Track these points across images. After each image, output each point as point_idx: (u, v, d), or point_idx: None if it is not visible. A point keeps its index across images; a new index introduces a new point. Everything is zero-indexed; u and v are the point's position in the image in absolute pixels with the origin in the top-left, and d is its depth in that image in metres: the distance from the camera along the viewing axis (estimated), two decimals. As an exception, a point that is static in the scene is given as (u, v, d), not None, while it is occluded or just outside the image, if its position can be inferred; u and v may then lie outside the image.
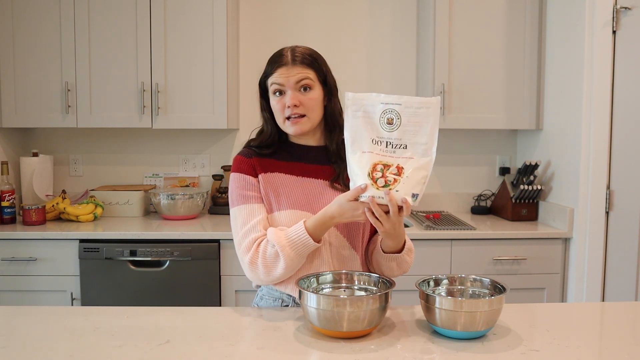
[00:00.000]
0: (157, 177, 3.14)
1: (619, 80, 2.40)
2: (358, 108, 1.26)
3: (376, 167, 1.23)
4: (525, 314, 1.36)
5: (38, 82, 2.75)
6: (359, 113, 1.26)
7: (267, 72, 1.44)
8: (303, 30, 3.08)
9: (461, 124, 2.83)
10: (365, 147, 1.25)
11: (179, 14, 2.73)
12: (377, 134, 1.25)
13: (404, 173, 1.22)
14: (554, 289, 2.59)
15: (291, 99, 1.38)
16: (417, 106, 1.23)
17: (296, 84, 1.39)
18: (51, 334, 1.20)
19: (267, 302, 1.45)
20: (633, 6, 2.38)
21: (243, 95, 3.11)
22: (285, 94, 1.40)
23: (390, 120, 1.24)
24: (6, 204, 2.67)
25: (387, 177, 1.22)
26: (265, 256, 1.33)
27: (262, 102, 1.49)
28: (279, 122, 1.43)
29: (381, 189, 1.22)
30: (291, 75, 1.39)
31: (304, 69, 1.40)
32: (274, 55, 1.44)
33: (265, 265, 1.33)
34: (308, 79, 1.40)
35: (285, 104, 1.39)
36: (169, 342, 1.15)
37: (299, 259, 1.33)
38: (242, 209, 1.40)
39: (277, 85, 1.40)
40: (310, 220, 1.32)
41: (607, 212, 2.46)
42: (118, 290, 2.50)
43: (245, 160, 1.44)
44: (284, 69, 1.39)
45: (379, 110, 1.25)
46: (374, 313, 1.14)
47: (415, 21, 3.11)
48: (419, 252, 2.52)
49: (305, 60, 1.41)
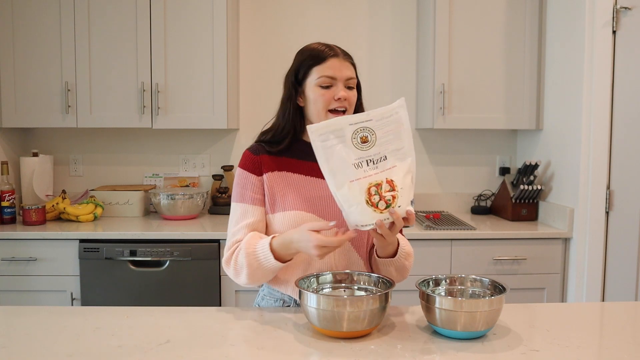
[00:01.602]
0: (157, 177, 3.14)
1: (619, 80, 2.40)
2: (326, 137, 1.21)
3: (370, 190, 1.20)
4: (525, 314, 1.36)
5: (38, 82, 2.76)
6: (329, 142, 1.21)
7: (314, 62, 1.38)
8: (303, 30, 3.08)
9: (461, 124, 2.83)
10: (351, 175, 1.21)
11: (179, 14, 2.73)
12: (355, 156, 1.21)
13: (397, 186, 1.21)
14: (554, 289, 2.59)
15: (342, 92, 1.36)
16: (388, 115, 1.22)
17: (346, 80, 1.38)
18: (51, 334, 1.20)
19: (268, 302, 1.45)
20: (633, 6, 2.38)
21: (243, 95, 3.11)
22: (333, 86, 1.37)
23: (364, 138, 1.21)
24: (6, 204, 2.67)
25: (385, 198, 1.20)
26: (237, 261, 1.36)
27: (292, 91, 1.42)
28: (317, 115, 1.38)
29: (385, 211, 1.20)
30: (343, 68, 1.38)
31: (350, 65, 1.41)
32: (315, 49, 1.40)
33: (235, 269, 1.37)
34: (354, 78, 1.41)
35: (332, 96, 1.36)
36: (169, 342, 1.15)
37: (262, 272, 1.33)
38: (237, 208, 1.42)
39: (329, 77, 1.36)
40: (278, 238, 1.32)
41: (607, 212, 2.46)
42: (118, 290, 2.50)
43: (252, 157, 1.42)
44: (336, 61, 1.38)
45: (349, 132, 1.21)
46: (374, 313, 1.14)
47: (415, 21, 3.11)
48: (419, 252, 2.52)
49: (350, 59, 1.42)
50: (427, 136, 3.17)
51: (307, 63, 1.39)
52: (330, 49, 1.40)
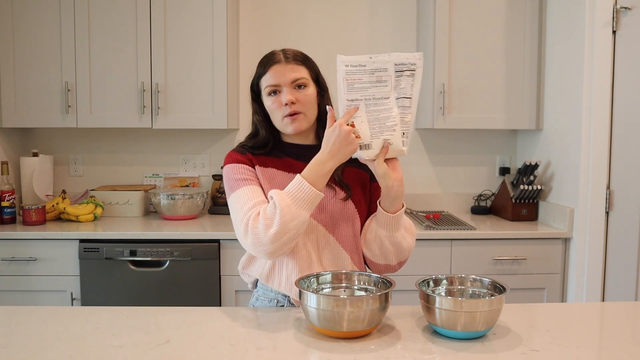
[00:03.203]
0: (157, 177, 3.14)
1: (619, 80, 2.40)
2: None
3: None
4: (525, 314, 1.36)
5: (38, 82, 2.76)
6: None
7: (260, 73, 1.42)
8: (303, 31, 3.08)
9: (461, 124, 2.83)
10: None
11: (179, 14, 2.73)
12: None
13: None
14: (554, 289, 2.59)
15: (288, 96, 1.37)
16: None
17: (292, 82, 1.38)
18: (51, 334, 1.20)
19: (262, 303, 1.46)
20: (633, 6, 2.38)
21: (243, 95, 3.11)
22: (280, 93, 1.39)
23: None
24: (6, 204, 2.67)
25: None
26: (265, 212, 1.28)
27: (254, 105, 1.47)
28: (277, 122, 1.42)
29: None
30: (286, 72, 1.38)
31: (297, 66, 1.40)
32: (265, 57, 1.43)
33: (265, 221, 1.27)
34: (303, 77, 1.40)
35: (281, 103, 1.38)
36: (169, 342, 1.15)
37: (299, 208, 1.26)
38: (242, 192, 1.36)
39: (272, 86, 1.39)
40: (305, 168, 1.31)
41: (607, 212, 2.46)
42: (118, 290, 2.50)
43: (240, 155, 1.45)
44: (278, 67, 1.39)
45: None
46: (374, 313, 1.14)
47: (415, 21, 3.11)
48: (419, 252, 2.52)
49: (297, 58, 1.41)
50: (427, 136, 3.17)
51: (257, 75, 1.44)
52: (272, 55, 1.41)
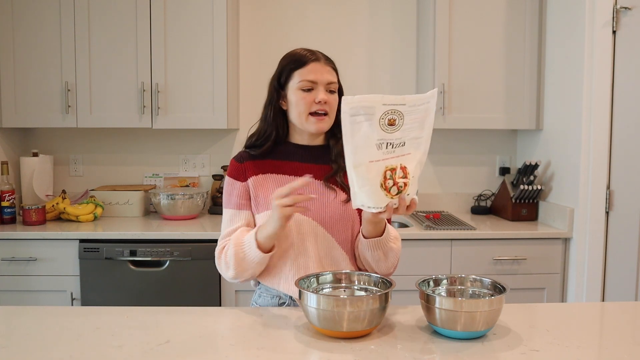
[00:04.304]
0: (157, 177, 3.14)
1: (619, 80, 2.40)
2: (356, 112, 1.19)
3: (386, 174, 1.20)
4: (525, 314, 1.36)
5: (38, 82, 2.75)
6: (358, 118, 1.19)
7: (296, 66, 1.41)
8: (303, 31, 3.08)
9: (461, 124, 2.83)
10: (372, 156, 1.20)
11: (179, 14, 2.73)
12: (379, 137, 1.19)
13: (409, 174, 1.22)
14: (554, 289, 2.59)
15: (323, 95, 1.39)
16: (420, 103, 1.21)
17: (327, 84, 1.41)
18: (51, 334, 1.20)
19: (265, 299, 1.47)
20: (633, 6, 2.38)
21: (243, 95, 3.11)
22: (314, 90, 1.40)
23: (392, 121, 1.19)
24: (6, 204, 2.67)
25: (398, 183, 1.21)
26: (226, 254, 1.41)
27: (274, 95, 1.45)
28: (299, 118, 1.41)
29: (395, 197, 1.21)
30: (324, 72, 1.40)
31: (332, 69, 1.43)
32: (300, 53, 1.43)
33: (225, 263, 1.42)
34: (335, 83, 1.43)
35: (313, 100, 1.39)
36: (169, 342, 1.15)
37: (248, 263, 1.37)
38: (226, 213, 1.48)
39: (310, 81, 1.39)
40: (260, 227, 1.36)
41: (607, 212, 2.46)
42: (118, 290, 2.50)
43: (236, 165, 1.48)
44: (317, 65, 1.40)
45: (380, 112, 1.19)
46: (374, 313, 1.14)
47: (415, 21, 3.11)
48: (419, 252, 2.52)
49: (332, 64, 1.44)
50: (427, 136, 3.16)
51: (289, 67, 1.43)
52: (312, 53, 1.43)
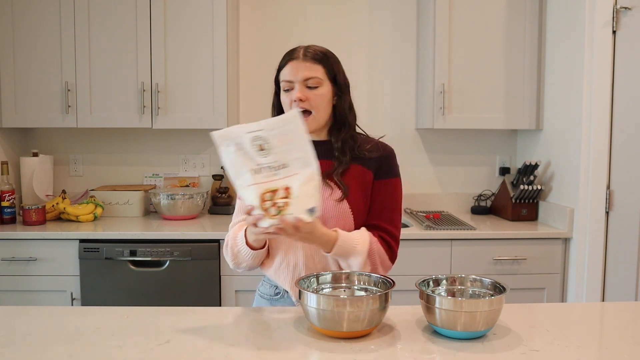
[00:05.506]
0: (157, 177, 3.14)
1: (619, 80, 2.40)
2: (228, 143, 1.24)
3: (264, 196, 1.22)
4: (525, 314, 1.36)
5: (38, 82, 2.75)
6: (230, 148, 1.24)
7: (280, 67, 1.46)
8: (303, 31, 3.08)
9: (461, 124, 2.83)
10: (248, 180, 1.24)
11: (179, 14, 2.73)
12: (254, 163, 1.24)
13: (292, 194, 1.22)
14: (554, 289, 2.59)
15: (298, 93, 1.39)
16: (280, 125, 1.24)
17: (304, 80, 1.40)
18: (51, 334, 1.20)
19: (265, 288, 1.55)
20: (633, 6, 2.38)
21: (243, 95, 3.11)
22: (293, 89, 1.41)
23: (260, 146, 1.23)
24: (6, 204, 2.67)
25: (277, 204, 1.21)
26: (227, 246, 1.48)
27: (274, 99, 1.50)
28: None
29: (276, 217, 1.21)
30: (301, 69, 1.40)
31: (313, 64, 1.41)
32: (287, 51, 1.46)
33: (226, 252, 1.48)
34: (316, 77, 1.41)
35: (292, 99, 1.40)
36: (169, 342, 1.15)
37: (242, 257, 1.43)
38: (236, 204, 1.56)
39: (286, 81, 1.42)
40: None
41: (607, 212, 2.46)
42: (118, 290, 2.50)
43: None
44: (295, 63, 1.41)
45: (247, 140, 1.23)
46: (374, 313, 1.14)
47: (415, 21, 3.11)
48: (419, 252, 2.52)
49: (316, 57, 1.42)
50: (427, 136, 3.16)
51: (278, 69, 1.47)
52: (293, 52, 1.44)
